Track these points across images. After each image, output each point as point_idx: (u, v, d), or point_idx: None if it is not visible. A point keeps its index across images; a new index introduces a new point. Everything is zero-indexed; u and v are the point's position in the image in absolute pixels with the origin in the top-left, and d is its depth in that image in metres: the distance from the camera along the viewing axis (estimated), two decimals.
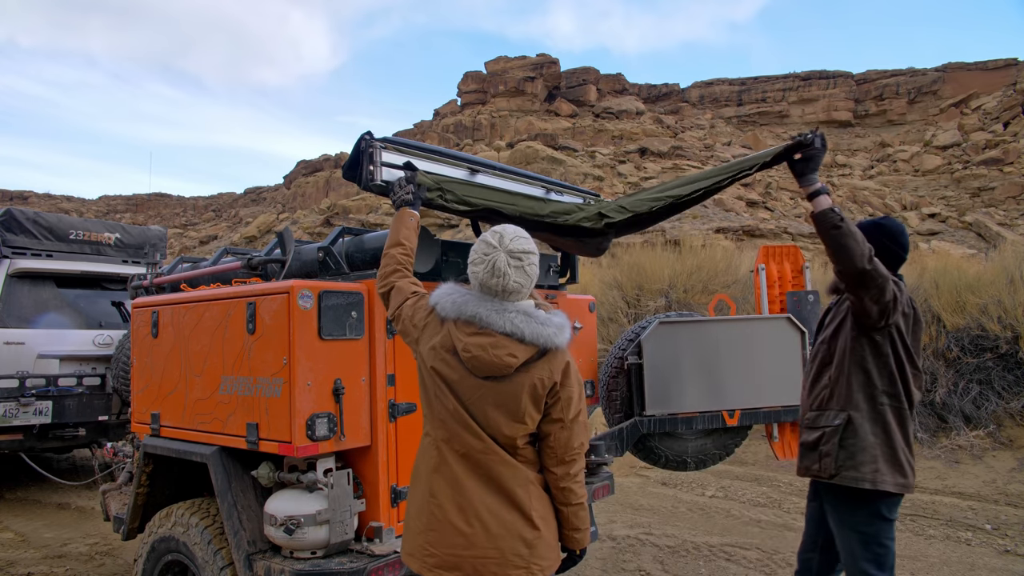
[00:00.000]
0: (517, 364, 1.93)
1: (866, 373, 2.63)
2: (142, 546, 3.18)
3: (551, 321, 1.98)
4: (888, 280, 2.49)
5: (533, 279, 2.03)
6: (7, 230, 6.36)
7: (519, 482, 1.99)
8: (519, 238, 2.02)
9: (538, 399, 1.96)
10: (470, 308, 1.96)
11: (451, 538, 1.97)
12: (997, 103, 45.15)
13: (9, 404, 5.59)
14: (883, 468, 2.58)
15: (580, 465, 2.03)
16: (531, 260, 2.02)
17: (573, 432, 2.00)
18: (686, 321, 3.83)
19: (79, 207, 75.52)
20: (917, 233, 28.75)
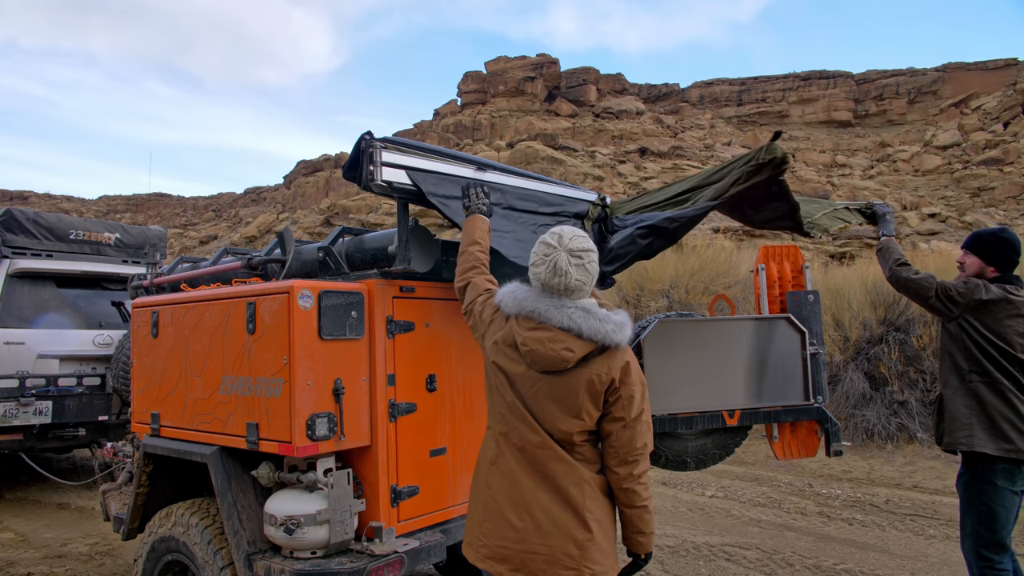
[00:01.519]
0: (574, 359, 1.95)
1: (952, 356, 3.18)
2: (142, 546, 3.18)
3: (610, 318, 1.99)
4: (932, 288, 3.20)
5: (594, 276, 2.06)
6: (7, 230, 6.36)
7: (573, 480, 2.00)
8: (578, 237, 2.07)
9: (596, 395, 1.98)
10: (530, 304, 2.02)
11: (503, 531, 2.02)
12: (997, 103, 45.14)
13: (9, 404, 5.59)
14: (979, 434, 3.00)
15: (644, 466, 2.01)
16: (591, 258, 2.06)
17: (636, 432, 1.99)
18: (686, 321, 3.82)
19: (79, 207, 75.51)
20: (917, 233, 28.75)
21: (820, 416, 3.80)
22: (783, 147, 2.87)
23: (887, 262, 3.42)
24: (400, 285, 2.88)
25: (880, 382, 7.27)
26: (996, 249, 3.18)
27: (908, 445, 6.83)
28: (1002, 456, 2.95)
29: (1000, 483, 2.98)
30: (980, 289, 3.12)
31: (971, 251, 3.28)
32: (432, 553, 2.76)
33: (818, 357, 3.84)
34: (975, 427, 3.04)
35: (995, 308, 3.08)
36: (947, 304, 3.17)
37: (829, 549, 4.71)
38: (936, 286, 3.21)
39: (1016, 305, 3.07)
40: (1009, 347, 3.04)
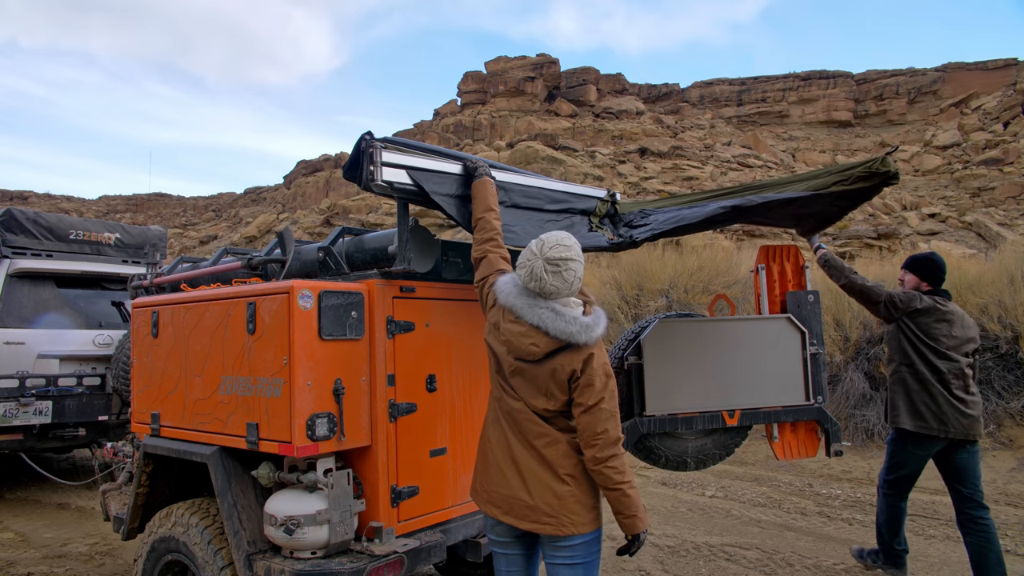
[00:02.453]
0: (540, 353, 2.21)
1: (891, 351, 4.11)
2: (142, 546, 3.18)
3: (576, 321, 2.20)
4: (881, 295, 4.05)
5: (572, 283, 2.26)
6: (7, 230, 6.36)
7: (548, 441, 2.27)
8: (559, 246, 2.25)
9: (560, 383, 2.23)
10: (511, 299, 2.27)
11: (497, 479, 2.34)
12: (997, 103, 45.13)
13: (9, 404, 5.59)
14: (902, 413, 3.97)
15: (608, 451, 2.17)
16: (569, 267, 2.25)
17: (596, 417, 2.18)
18: (686, 321, 3.82)
19: (79, 207, 75.50)
20: (917, 233, 28.74)
21: (820, 416, 3.80)
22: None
23: (840, 272, 4.15)
24: (400, 285, 2.88)
25: (880, 382, 7.27)
26: (928, 269, 4.14)
27: None
28: (916, 431, 3.90)
29: (910, 447, 3.99)
30: (916, 299, 3.98)
31: (909, 270, 4.18)
32: (432, 553, 2.76)
33: (818, 357, 3.84)
34: (900, 408, 3.97)
35: (927, 315, 3.95)
36: (891, 309, 4.01)
37: (829, 549, 4.71)
38: (884, 294, 4.03)
39: (943, 313, 3.96)
40: (937, 344, 3.90)
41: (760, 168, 41.34)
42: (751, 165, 41.44)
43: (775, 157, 45.53)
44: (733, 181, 35.02)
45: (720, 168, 41.57)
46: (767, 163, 42.90)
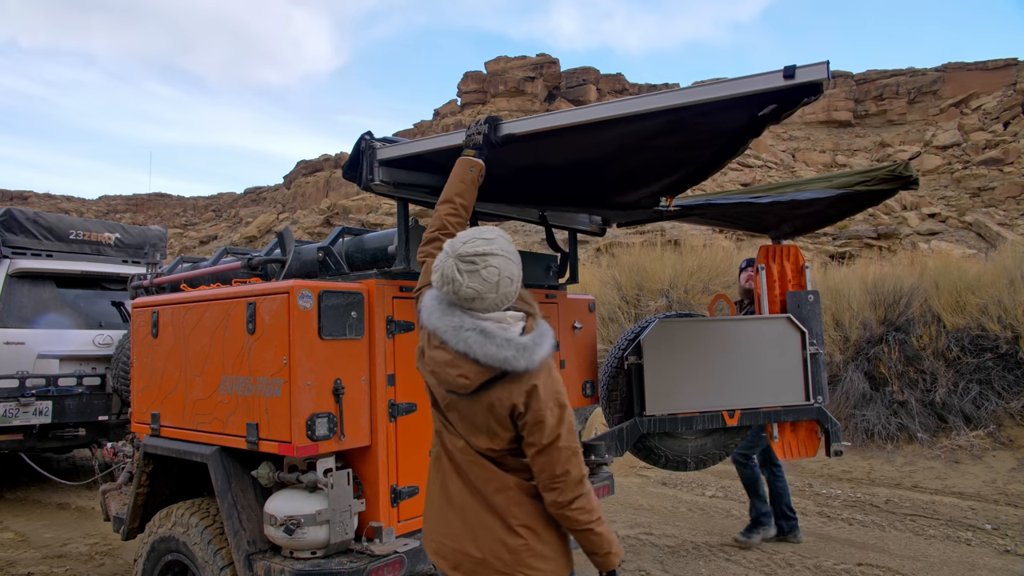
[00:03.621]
0: (471, 386, 1.81)
1: None
2: (142, 546, 3.18)
3: (510, 343, 1.79)
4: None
5: (498, 284, 1.83)
6: (7, 230, 6.36)
7: (496, 486, 1.90)
8: (476, 240, 1.85)
9: (501, 419, 1.84)
10: (434, 320, 1.86)
11: (442, 528, 1.97)
12: (997, 103, 45.13)
13: (9, 404, 5.59)
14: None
15: (571, 494, 1.82)
16: (489, 263, 1.82)
17: (552, 458, 1.81)
18: (686, 321, 3.82)
19: (79, 207, 75.50)
20: (917, 233, 28.73)
21: (820, 416, 3.80)
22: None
23: None
24: (400, 285, 2.88)
25: (880, 382, 7.27)
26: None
27: (908, 445, 6.83)
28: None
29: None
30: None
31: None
32: None
33: (818, 357, 3.84)
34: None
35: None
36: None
37: (829, 549, 4.71)
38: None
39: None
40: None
41: (760, 168, 41.32)
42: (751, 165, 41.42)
43: (775, 157, 45.52)
44: (733, 181, 35.02)
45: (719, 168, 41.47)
46: (767, 163, 42.90)
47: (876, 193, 3.35)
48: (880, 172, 3.31)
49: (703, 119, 2.39)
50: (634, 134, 2.53)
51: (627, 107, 2.23)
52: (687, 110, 2.17)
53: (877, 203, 3.65)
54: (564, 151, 2.76)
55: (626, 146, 2.68)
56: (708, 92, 2.09)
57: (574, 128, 2.35)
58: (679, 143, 2.66)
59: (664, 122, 2.36)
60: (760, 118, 2.34)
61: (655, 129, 2.47)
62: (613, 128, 2.37)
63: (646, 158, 2.88)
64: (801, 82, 1.94)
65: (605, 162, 2.90)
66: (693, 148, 2.74)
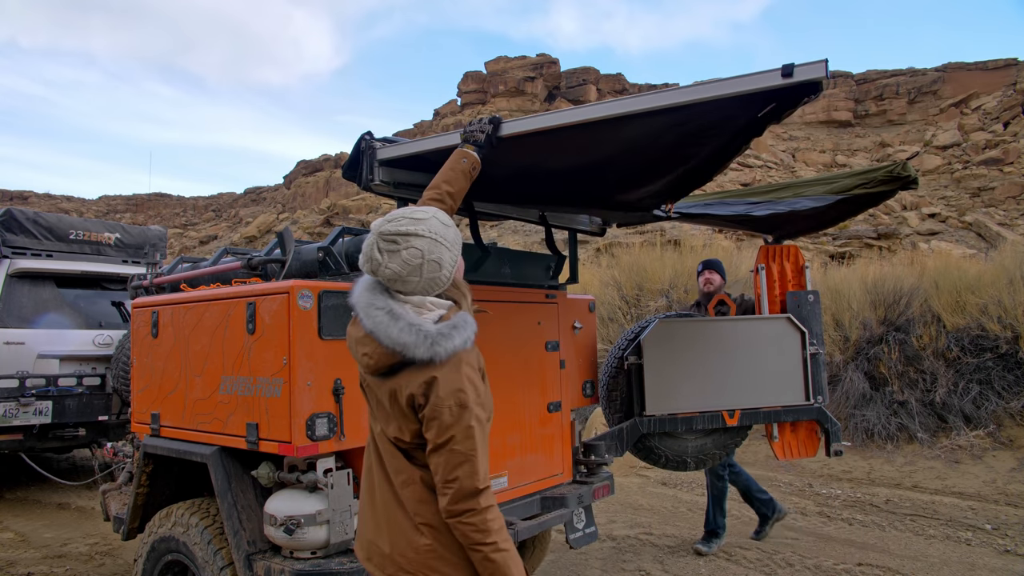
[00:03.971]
0: (375, 367, 1.74)
1: None
2: (142, 546, 3.18)
3: (415, 328, 1.67)
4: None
5: (420, 267, 1.72)
6: (7, 230, 6.36)
7: (405, 479, 1.79)
8: (403, 218, 1.75)
9: (403, 409, 1.73)
10: (354, 295, 1.78)
11: (362, 514, 1.90)
12: (997, 103, 45.13)
13: (9, 404, 5.59)
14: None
15: (462, 505, 1.65)
16: (411, 243, 1.71)
17: (443, 460, 1.67)
18: (686, 321, 3.82)
19: (79, 207, 75.51)
20: (917, 233, 28.73)
21: (820, 416, 3.80)
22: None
23: None
24: None
25: (880, 382, 7.27)
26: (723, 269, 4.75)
27: (908, 445, 6.83)
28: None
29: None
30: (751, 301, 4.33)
31: (715, 271, 4.72)
32: None
33: (818, 357, 3.84)
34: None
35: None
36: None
37: (829, 549, 4.71)
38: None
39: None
40: None
41: (760, 168, 41.32)
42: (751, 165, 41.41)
43: (775, 157, 45.52)
44: (733, 182, 35.01)
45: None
46: (767, 163, 42.89)
47: (875, 195, 3.35)
48: (878, 173, 3.29)
49: (703, 118, 2.39)
50: (634, 134, 2.53)
51: (627, 106, 2.21)
52: (687, 109, 2.16)
53: (877, 204, 3.64)
54: (565, 152, 2.76)
55: (627, 146, 2.68)
56: (707, 91, 2.08)
57: (574, 128, 2.34)
58: (679, 142, 2.66)
59: (664, 121, 2.36)
60: (760, 117, 2.34)
61: (655, 128, 2.46)
62: (613, 128, 2.36)
63: (647, 158, 2.87)
64: (800, 80, 1.94)
65: (606, 163, 2.89)
66: (693, 147, 2.73)
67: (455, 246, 1.82)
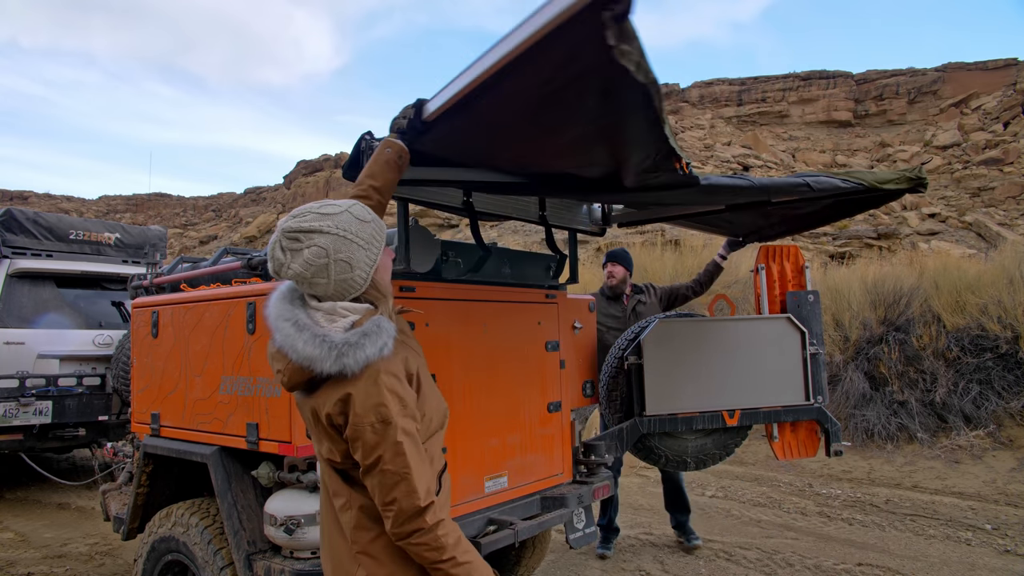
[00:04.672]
0: (288, 384, 1.59)
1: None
2: (142, 546, 3.18)
3: (321, 339, 1.52)
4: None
5: (325, 268, 1.57)
6: (7, 230, 6.36)
7: (341, 503, 1.66)
8: (310, 213, 1.60)
9: (326, 429, 1.59)
10: (267, 307, 1.62)
11: (321, 544, 1.78)
12: (997, 103, 45.13)
13: (9, 404, 5.59)
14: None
15: (408, 527, 1.52)
16: (314, 241, 1.56)
17: (377, 483, 1.53)
18: (686, 321, 3.82)
19: (79, 207, 75.51)
20: (917, 233, 28.73)
21: (820, 416, 3.80)
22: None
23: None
24: (400, 285, 2.88)
25: (880, 382, 7.27)
26: (630, 260, 4.73)
27: (908, 445, 6.83)
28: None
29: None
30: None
31: (618, 262, 4.64)
32: None
33: (818, 357, 3.84)
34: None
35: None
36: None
37: (829, 549, 4.71)
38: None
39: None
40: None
41: (760, 168, 41.32)
42: (751, 165, 41.40)
43: (775, 157, 45.53)
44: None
45: (720, 168, 41.55)
46: (767, 163, 42.89)
47: (885, 195, 3.31)
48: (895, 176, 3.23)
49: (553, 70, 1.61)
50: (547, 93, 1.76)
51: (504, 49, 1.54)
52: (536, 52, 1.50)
53: (879, 205, 3.61)
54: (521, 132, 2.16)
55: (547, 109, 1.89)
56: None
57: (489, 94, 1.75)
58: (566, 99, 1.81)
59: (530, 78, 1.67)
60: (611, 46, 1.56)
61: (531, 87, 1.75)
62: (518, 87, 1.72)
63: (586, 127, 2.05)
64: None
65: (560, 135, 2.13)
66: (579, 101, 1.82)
67: (373, 244, 1.65)
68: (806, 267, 3.99)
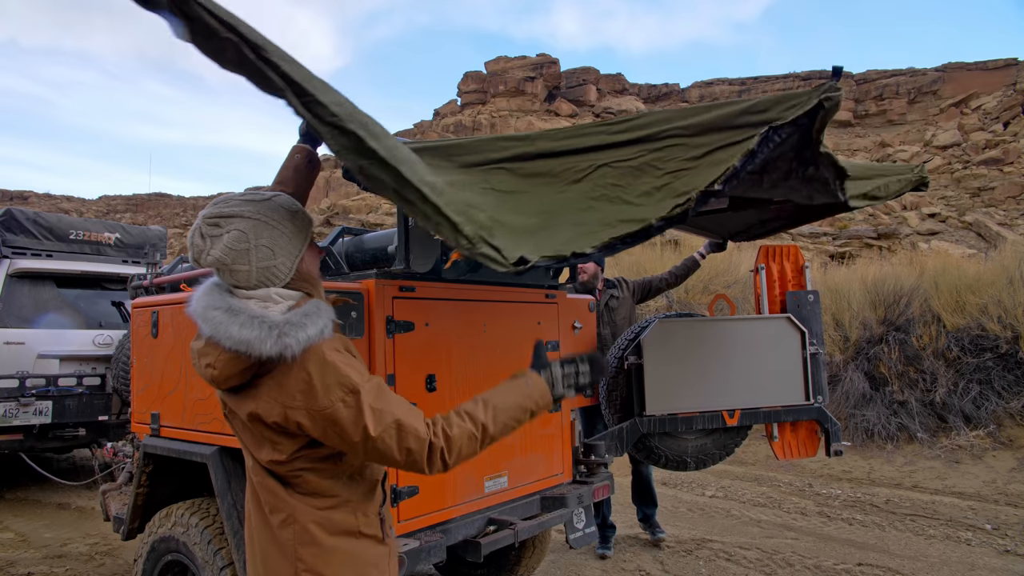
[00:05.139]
0: (220, 377, 1.50)
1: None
2: (142, 546, 3.18)
3: (259, 320, 1.44)
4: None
5: (245, 253, 1.50)
6: (7, 230, 6.36)
7: (281, 519, 1.54)
8: (232, 200, 1.55)
9: (265, 431, 1.52)
10: (191, 303, 1.53)
11: (248, 562, 1.65)
12: (997, 103, 45.13)
13: (9, 404, 5.59)
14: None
15: (436, 462, 1.49)
16: (234, 225, 1.50)
17: (381, 452, 1.46)
18: (686, 321, 3.82)
19: (79, 207, 75.52)
20: (917, 233, 28.73)
21: (820, 416, 3.80)
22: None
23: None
24: (400, 285, 2.88)
25: (880, 382, 7.27)
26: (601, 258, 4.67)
27: (908, 445, 6.83)
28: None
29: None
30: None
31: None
32: (432, 553, 2.76)
33: (818, 357, 3.84)
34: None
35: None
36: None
37: (829, 549, 4.71)
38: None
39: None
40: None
41: None
42: None
43: None
44: None
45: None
46: None
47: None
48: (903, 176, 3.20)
49: None
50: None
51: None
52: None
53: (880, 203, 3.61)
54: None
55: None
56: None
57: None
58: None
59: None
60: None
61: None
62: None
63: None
64: None
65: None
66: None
67: (298, 234, 1.59)
68: (806, 267, 3.99)
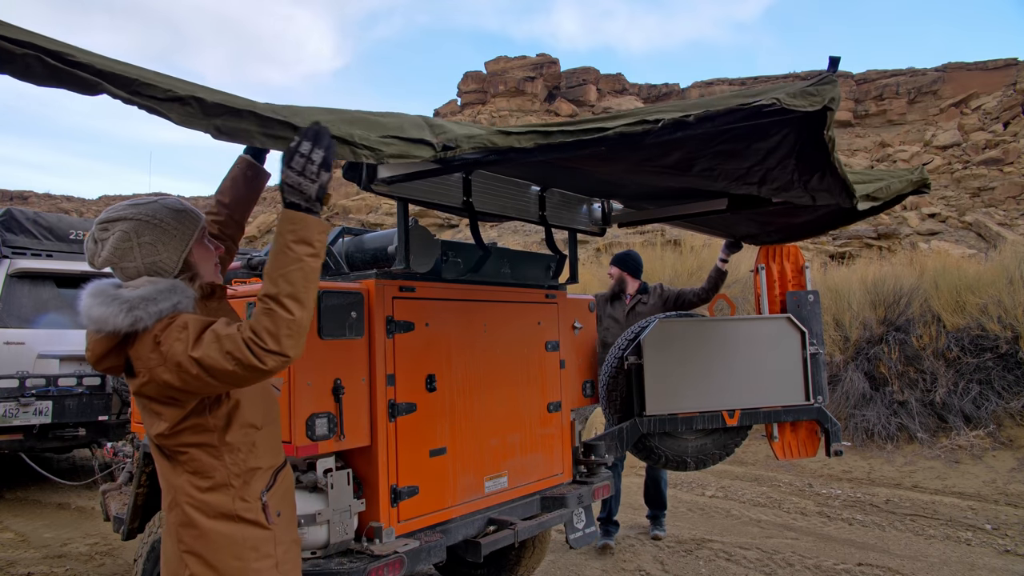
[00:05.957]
0: (92, 357, 1.65)
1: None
2: (142, 546, 3.18)
3: (113, 298, 1.57)
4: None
5: (131, 250, 1.64)
6: (7, 230, 6.36)
7: (168, 501, 1.60)
8: (122, 205, 1.69)
9: (149, 403, 1.60)
10: (83, 295, 1.67)
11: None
12: (997, 103, 45.12)
13: (9, 404, 5.59)
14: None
15: (247, 338, 1.45)
16: (118, 227, 1.64)
17: (212, 359, 1.45)
18: (686, 321, 3.82)
19: (79, 207, 75.47)
20: (917, 233, 28.73)
21: (820, 416, 3.80)
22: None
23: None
24: (400, 285, 2.88)
25: (880, 382, 7.27)
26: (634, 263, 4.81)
27: (908, 445, 6.83)
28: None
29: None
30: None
31: (616, 266, 4.79)
32: (432, 553, 2.76)
33: (818, 357, 3.84)
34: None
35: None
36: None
37: (829, 549, 4.71)
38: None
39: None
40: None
41: None
42: None
43: None
44: None
45: None
46: None
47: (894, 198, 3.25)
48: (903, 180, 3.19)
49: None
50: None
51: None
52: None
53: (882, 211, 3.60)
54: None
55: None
56: None
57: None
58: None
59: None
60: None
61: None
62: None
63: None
64: None
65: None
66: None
67: (183, 231, 1.69)
68: (806, 267, 3.99)
